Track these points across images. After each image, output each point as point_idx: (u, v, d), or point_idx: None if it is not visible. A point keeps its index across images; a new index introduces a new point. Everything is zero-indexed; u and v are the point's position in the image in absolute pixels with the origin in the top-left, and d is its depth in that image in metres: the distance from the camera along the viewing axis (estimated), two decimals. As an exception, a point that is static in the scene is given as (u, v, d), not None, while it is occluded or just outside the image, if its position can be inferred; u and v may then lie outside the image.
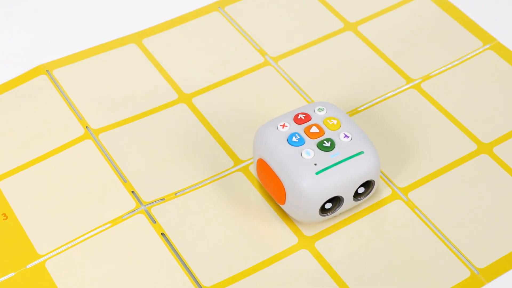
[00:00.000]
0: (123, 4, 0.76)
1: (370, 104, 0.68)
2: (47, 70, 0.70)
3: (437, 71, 0.70)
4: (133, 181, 0.62)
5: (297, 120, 0.59)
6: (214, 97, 0.68)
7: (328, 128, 0.59)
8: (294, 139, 0.58)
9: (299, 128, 0.59)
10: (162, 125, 0.66)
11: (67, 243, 0.59)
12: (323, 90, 0.69)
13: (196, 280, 0.57)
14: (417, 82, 0.70)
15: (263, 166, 0.59)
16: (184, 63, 0.71)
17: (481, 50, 0.72)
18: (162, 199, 0.62)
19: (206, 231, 0.60)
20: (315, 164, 0.57)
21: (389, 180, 0.63)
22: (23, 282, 0.57)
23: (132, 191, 0.62)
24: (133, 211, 0.61)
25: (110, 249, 0.59)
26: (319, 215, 0.58)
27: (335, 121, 0.60)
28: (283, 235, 0.60)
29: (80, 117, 0.66)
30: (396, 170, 0.63)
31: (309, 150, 0.58)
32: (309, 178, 0.57)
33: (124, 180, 0.62)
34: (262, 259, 0.58)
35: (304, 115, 0.60)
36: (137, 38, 0.73)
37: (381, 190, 0.62)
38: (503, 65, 0.71)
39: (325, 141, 0.58)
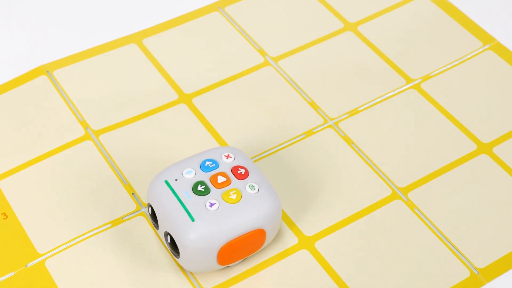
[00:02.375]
0: (123, 4, 0.76)
1: (370, 104, 0.68)
2: (47, 71, 0.70)
3: (437, 71, 0.70)
4: (134, 182, 0.62)
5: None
6: (214, 97, 0.68)
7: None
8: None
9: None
10: (162, 126, 0.66)
11: (67, 242, 0.59)
12: (323, 90, 0.69)
13: (196, 282, 0.57)
14: (417, 82, 0.70)
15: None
16: (184, 63, 0.71)
17: (481, 50, 0.72)
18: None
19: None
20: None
21: (389, 180, 0.63)
22: (23, 281, 0.57)
23: (133, 193, 0.62)
24: (133, 212, 0.61)
25: (110, 249, 0.59)
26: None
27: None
28: (283, 235, 0.60)
29: (80, 118, 0.66)
30: (396, 170, 0.63)
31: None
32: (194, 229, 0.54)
33: (124, 182, 0.62)
34: (262, 259, 0.58)
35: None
36: (137, 38, 0.73)
37: (381, 190, 0.62)
38: (503, 65, 0.71)
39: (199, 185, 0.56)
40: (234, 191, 0.56)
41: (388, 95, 0.69)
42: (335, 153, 0.65)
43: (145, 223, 0.60)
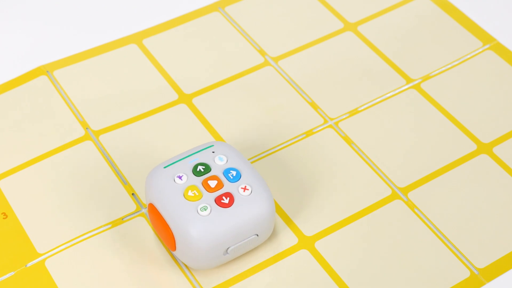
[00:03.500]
0: (123, 4, 0.76)
1: (370, 104, 0.68)
2: (47, 71, 0.70)
3: (437, 71, 0.70)
4: (134, 183, 0.62)
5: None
6: (214, 97, 0.68)
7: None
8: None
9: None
10: (162, 126, 0.66)
11: (67, 242, 0.59)
12: (323, 90, 0.69)
13: (196, 282, 0.57)
14: (417, 82, 0.70)
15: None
16: (184, 64, 0.71)
17: (481, 50, 0.72)
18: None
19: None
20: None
21: (389, 180, 0.63)
22: (23, 281, 0.57)
23: (133, 194, 0.62)
24: (134, 213, 0.61)
25: (110, 249, 0.59)
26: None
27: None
28: (283, 235, 0.60)
29: (80, 119, 0.66)
30: (396, 170, 0.63)
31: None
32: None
33: (124, 182, 0.62)
34: (262, 259, 0.58)
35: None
36: (137, 38, 0.73)
37: (381, 190, 0.62)
38: (503, 65, 0.71)
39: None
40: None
41: (388, 95, 0.69)
42: (335, 153, 0.65)
43: (145, 223, 0.60)
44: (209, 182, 0.56)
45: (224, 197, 0.56)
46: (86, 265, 0.58)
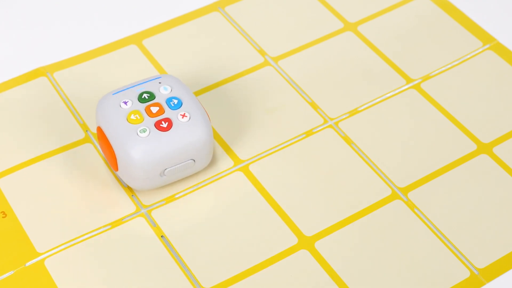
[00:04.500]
0: (123, 5, 0.76)
1: (370, 104, 0.68)
2: (47, 73, 0.70)
3: (437, 71, 0.70)
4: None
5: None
6: (214, 97, 0.68)
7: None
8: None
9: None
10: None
11: (66, 242, 0.59)
12: (323, 90, 0.69)
13: (196, 282, 0.57)
14: (417, 82, 0.70)
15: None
16: (184, 64, 0.71)
17: (481, 50, 0.72)
18: (162, 201, 0.61)
19: (206, 232, 0.60)
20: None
21: (389, 180, 0.63)
22: (22, 280, 0.57)
23: (132, 195, 0.62)
24: (133, 214, 0.61)
25: (110, 250, 0.59)
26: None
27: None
28: (283, 235, 0.60)
29: (80, 121, 0.66)
30: (396, 170, 0.63)
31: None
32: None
33: (124, 184, 0.62)
34: (262, 259, 0.58)
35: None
36: (137, 39, 0.73)
37: (381, 190, 0.62)
38: (503, 65, 0.71)
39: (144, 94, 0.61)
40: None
41: (388, 95, 0.69)
42: (335, 153, 0.65)
43: (145, 224, 0.60)
44: (151, 108, 0.60)
45: (163, 122, 0.59)
46: (85, 265, 0.58)
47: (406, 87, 0.69)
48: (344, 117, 0.67)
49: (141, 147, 0.59)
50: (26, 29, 0.74)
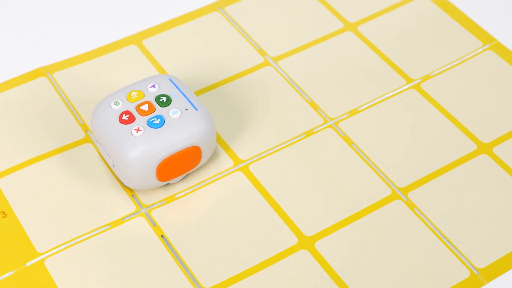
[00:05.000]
0: (123, 5, 0.76)
1: (370, 104, 0.68)
2: (47, 73, 0.70)
3: (437, 71, 0.70)
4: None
5: (126, 121, 0.60)
6: (214, 97, 0.68)
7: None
8: (156, 122, 0.60)
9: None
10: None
11: (66, 242, 0.59)
12: (323, 90, 0.69)
13: (196, 281, 0.57)
14: (417, 82, 0.70)
15: (166, 164, 0.60)
16: (184, 64, 0.71)
17: (481, 50, 0.72)
18: (162, 201, 0.61)
19: (206, 232, 0.60)
20: (186, 109, 0.61)
21: (389, 180, 0.63)
22: (22, 281, 0.57)
23: (132, 195, 0.62)
24: (133, 213, 0.61)
25: (110, 249, 0.59)
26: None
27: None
28: (283, 235, 0.60)
29: (80, 121, 0.66)
30: (396, 170, 0.63)
31: (173, 110, 0.60)
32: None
33: (124, 184, 0.62)
34: (262, 259, 0.58)
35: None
36: (137, 39, 0.73)
37: (381, 190, 0.62)
38: (503, 65, 0.71)
39: (160, 99, 0.61)
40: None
41: (388, 95, 0.69)
42: (335, 153, 0.65)
43: (145, 224, 0.60)
44: (141, 107, 0.61)
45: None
46: (85, 265, 0.58)
47: (406, 87, 0.69)
48: (344, 117, 0.67)
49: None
50: (26, 29, 0.74)
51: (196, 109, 0.61)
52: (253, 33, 0.73)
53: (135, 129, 0.59)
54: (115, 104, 0.61)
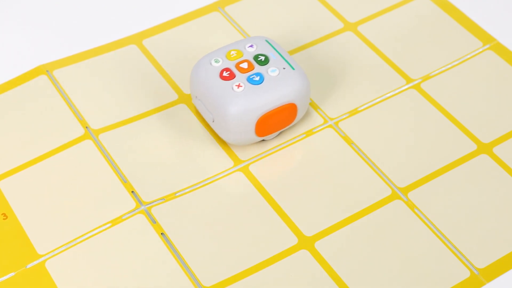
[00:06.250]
0: (123, 4, 0.76)
1: (370, 104, 0.68)
2: (47, 71, 0.70)
3: (437, 71, 0.70)
4: (133, 181, 0.62)
5: (227, 77, 0.63)
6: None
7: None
8: (255, 79, 0.62)
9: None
10: (162, 126, 0.66)
11: (67, 243, 0.59)
12: (323, 90, 0.69)
13: (196, 280, 0.57)
14: (417, 82, 0.70)
15: (265, 120, 0.62)
16: (184, 64, 0.71)
17: (481, 50, 0.72)
18: (162, 199, 0.62)
19: (206, 231, 0.60)
20: (284, 68, 0.63)
21: (389, 180, 0.63)
22: (23, 282, 0.57)
23: (132, 191, 0.62)
24: (133, 211, 0.61)
25: (110, 249, 0.59)
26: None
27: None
28: (283, 235, 0.60)
29: (80, 118, 0.66)
30: (396, 170, 0.63)
31: (272, 68, 0.63)
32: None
33: (124, 180, 0.62)
34: (262, 259, 0.58)
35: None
36: (137, 39, 0.73)
37: (381, 190, 0.62)
38: (503, 65, 0.71)
39: (259, 58, 0.64)
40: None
41: (388, 95, 0.69)
42: (335, 153, 0.65)
43: (145, 221, 0.60)
44: (241, 65, 0.63)
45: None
46: (86, 265, 0.58)
47: (406, 87, 0.69)
48: (344, 117, 0.67)
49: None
50: (26, 28, 0.74)
51: (293, 69, 0.63)
52: (254, 33, 0.73)
53: (236, 85, 0.62)
54: (215, 62, 0.63)
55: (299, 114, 0.64)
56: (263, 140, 0.65)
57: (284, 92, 0.62)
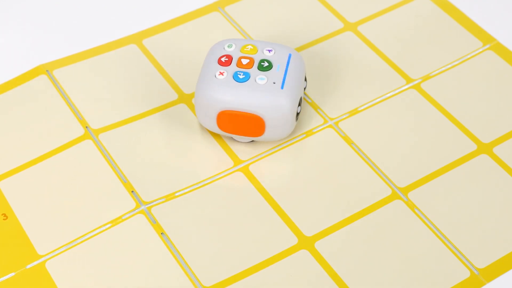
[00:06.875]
0: (123, 4, 0.76)
1: (370, 104, 0.68)
2: (47, 70, 0.70)
3: (437, 71, 0.70)
4: (133, 181, 0.62)
5: (222, 63, 0.63)
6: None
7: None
8: (240, 76, 0.62)
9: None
10: (162, 125, 0.66)
11: (67, 244, 0.59)
12: (323, 90, 0.69)
13: (196, 280, 0.57)
14: (417, 82, 0.70)
15: (226, 116, 0.62)
16: (184, 63, 0.71)
17: (481, 50, 0.72)
18: (162, 199, 0.62)
19: (206, 231, 0.60)
20: (274, 83, 0.62)
21: (389, 180, 0.63)
22: (23, 282, 0.57)
23: (132, 191, 0.62)
24: (133, 211, 0.61)
25: (110, 249, 0.59)
26: (295, 122, 0.64)
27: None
28: (283, 235, 0.60)
29: (80, 117, 0.66)
30: (396, 170, 0.63)
31: (261, 76, 0.62)
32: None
33: (124, 180, 0.62)
34: (262, 259, 0.58)
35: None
36: (137, 38, 0.73)
37: (381, 190, 0.62)
38: (503, 65, 0.71)
39: (262, 63, 0.63)
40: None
41: (388, 95, 0.69)
42: (335, 153, 0.65)
43: (145, 221, 0.60)
44: (243, 60, 0.63)
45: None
46: (86, 266, 0.58)
47: (406, 87, 0.69)
48: (344, 117, 0.67)
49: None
50: (26, 28, 0.74)
51: (282, 88, 0.62)
52: (254, 33, 0.73)
53: (220, 72, 0.62)
54: (228, 47, 0.64)
55: (273, 132, 0.63)
56: (232, 138, 0.65)
57: (255, 102, 0.61)
